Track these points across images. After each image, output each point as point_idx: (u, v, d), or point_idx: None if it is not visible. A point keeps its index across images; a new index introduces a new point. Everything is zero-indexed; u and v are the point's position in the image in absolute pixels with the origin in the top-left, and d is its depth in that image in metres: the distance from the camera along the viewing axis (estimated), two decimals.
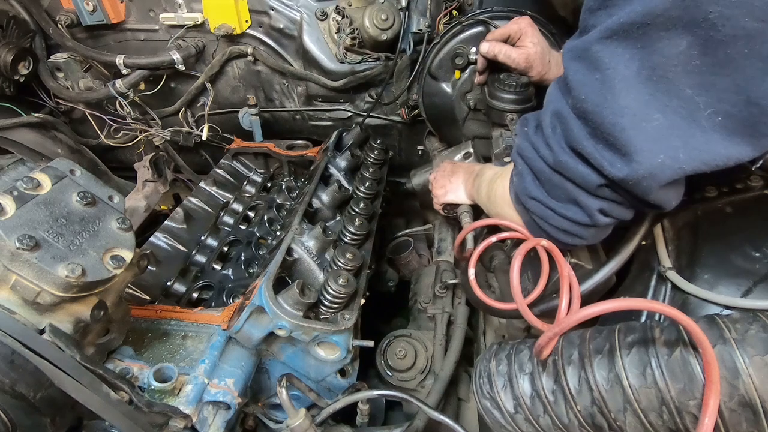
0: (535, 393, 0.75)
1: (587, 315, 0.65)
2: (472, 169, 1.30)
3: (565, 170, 0.70)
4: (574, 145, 0.67)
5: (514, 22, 1.26)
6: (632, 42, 0.57)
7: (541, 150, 0.75)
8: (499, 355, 0.85)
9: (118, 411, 0.72)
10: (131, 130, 1.95)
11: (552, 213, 0.78)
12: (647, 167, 0.59)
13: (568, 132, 0.67)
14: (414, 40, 1.70)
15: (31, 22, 1.78)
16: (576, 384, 0.70)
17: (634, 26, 0.56)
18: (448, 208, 1.41)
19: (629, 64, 0.58)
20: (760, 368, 0.55)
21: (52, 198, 0.75)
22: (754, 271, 0.70)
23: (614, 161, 0.62)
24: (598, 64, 0.61)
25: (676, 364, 0.61)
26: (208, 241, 1.48)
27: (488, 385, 0.82)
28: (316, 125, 1.95)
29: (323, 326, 0.97)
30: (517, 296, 0.86)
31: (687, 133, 0.57)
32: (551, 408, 0.73)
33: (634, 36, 0.57)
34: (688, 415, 0.60)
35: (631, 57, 0.58)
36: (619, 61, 0.59)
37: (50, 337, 0.68)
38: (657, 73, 0.57)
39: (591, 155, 0.64)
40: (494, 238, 1.00)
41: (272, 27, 1.74)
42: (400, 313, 1.80)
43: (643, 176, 0.60)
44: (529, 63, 1.24)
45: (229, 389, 0.92)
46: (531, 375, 0.77)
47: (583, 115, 0.64)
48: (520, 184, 0.83)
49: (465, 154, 1.55)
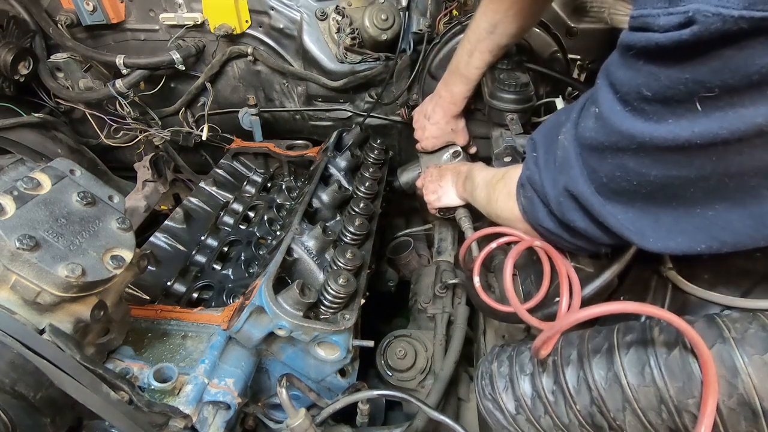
0: (535, 393, 0.75)
1: (584, 317, 0.65)
2: (459, 170, 1.31)
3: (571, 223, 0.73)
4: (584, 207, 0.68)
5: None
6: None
7: (549, 194, 0.75)
8: (501, 356, 0.85)
9: (118, 411, 0.72)
10: (131, 130, 1.95)
11: (563, 241, 0.80)
12: (661, 247, 0.62)
13: (583, 207, 0.69)
14: (414, 40, 1.70)
15: (31, 22, 1.78)
16: (575, 384, 0.70)
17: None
18: (444, 211, 1.41)
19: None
20: (759, 367, 0.55)
21: (52, 198, 0.75)
22: (754, 270, 0.70)
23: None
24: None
25: (674, 363, 0.61)
26: (208, 241, 1.48)
27: (490, 386, 0.82)
28: (316, 125, 1.95)
29: (323, 326, 0.97)
30: (511, 298, 0.86)
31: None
32: (551, 408, 0.73)
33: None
34: (687, 413, 0.60)
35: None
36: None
37: (50, 337, 0.69)
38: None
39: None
40: (494, 244, 1.01)
41: (272, 27, 1.74)
42: (400, 313, 1.80)
43: (657, 249, 0.62)
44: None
45: (229, 389, 0.92)
46: (531, 376, 0.77)
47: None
48: (531, 210, 0.83)
49: (454, 153, 1.54)
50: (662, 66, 0.50)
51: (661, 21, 0.47)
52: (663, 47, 0.48)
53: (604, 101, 0.59)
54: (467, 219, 1.33)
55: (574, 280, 0.82)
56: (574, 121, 0.69)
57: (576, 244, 0.78)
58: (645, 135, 0.54)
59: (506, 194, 0.91)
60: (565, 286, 0.81)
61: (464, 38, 1.32)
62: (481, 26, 1.23)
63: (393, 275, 1.72)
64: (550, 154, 0.75)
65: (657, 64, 0.50)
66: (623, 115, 0.56)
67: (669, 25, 0.46)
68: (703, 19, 0.43)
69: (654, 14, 0.47)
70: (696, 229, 0.58)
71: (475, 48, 1.28)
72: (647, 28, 0.49)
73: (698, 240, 0.59)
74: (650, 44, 0.49)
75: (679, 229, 0.60)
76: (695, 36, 0.44)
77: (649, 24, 0.48)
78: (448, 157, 1.55)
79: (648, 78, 0.52)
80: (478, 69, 1.32)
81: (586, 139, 0.64)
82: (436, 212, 1.44)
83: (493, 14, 1.19)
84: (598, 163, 0.63)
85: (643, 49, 0.51)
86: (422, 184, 1.46)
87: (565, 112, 0.77)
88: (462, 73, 1.35)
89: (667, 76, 0.50)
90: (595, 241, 0.73)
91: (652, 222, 0.62)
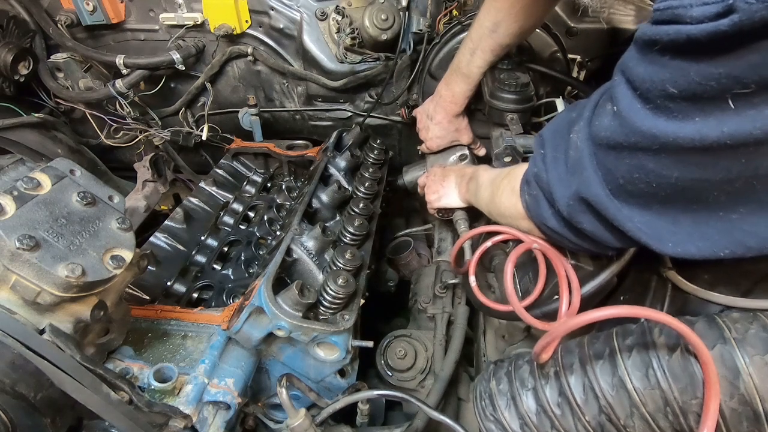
0: (540, 408, 0.72)
1: (584, 321, 0.64)
2: (463, 172, 1.30)
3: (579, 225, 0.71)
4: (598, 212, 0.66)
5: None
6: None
7: (557, 194, 0.72)
8: (498, 373, 0.81)
9: (118, 411, 0.72)
10: (131, 130, 1.95)
11: (567, 241, 0.78)
12: (681, 252, 0.60)
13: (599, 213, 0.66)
14: (414, 40, 1.70)
15: (31, 22, 1.78)
16: (581, 393, 0.68)
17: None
18: (443, 212, 1.41)
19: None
20: (760, 368, 0.55)
21: (52, 198, 0.75)
22: (755, 270, 0.70)
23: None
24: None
25: (676, 364, 0.61)
26: (208, 241, 1.48)
27: (491, 406, 0.78)
28: (316, 125, 1.95)
29: (322, 327, 0.97)
30: (512, 299, 0.86)
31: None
32: (559, 422, 0.70)
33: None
34: (692, 414, 0.59)
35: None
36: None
37: (50, 337, 0.68)
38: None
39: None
40: (489, 242, 1.00)
41: (272, 27, 1.74)
42: (400, 313, 1.79)
43: (677, 254, 0.60)
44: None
45: (229, 389, 0.92)
46: (534, 390, 0.74)
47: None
48: (535, 208, 0.80)
49: (460, 156, 1.54)
50: (693, 61, 0.46)
51: (694, 12, 0.43)
52: (695, 40, 0.44)
53: (623, 98, 0.56)
54: (464, 221, 1.33)
55: (573, 280, 0.82)
56: (587, 119, 0.65)
57: (581, 245, 0.76)
58: (668, 134, 0.50)
59: (510, 190, 0.89)
60: (565, 286, 0.81)
61: (467, 37, 1.32)
62: (484, 24, 1.23)
63: (393, 275, 1.71)
64: (559, 152, 0.72)
65: (687, 59, 0.47)
66: (644, 114, 0.53)
67: (704, 15, 0.43)
68: (745, 6, 0.39)
69: (686, 4, 0.44)
70: (719, 234, 0.55)
71: (477, 47, 1.28)
72: (677, 20, 0.45)
73: (721, 245, 0.56)
74: (680, 37, 0.45)
75: (700, 233, 0.57)
76: (735, 27, 0.41)
77: (680, 16, 0.45)
78: (454, 159, 1.54)
79: (675, 74, 0.48)
80: (480, 68, 1.32)
81: (601, 138, 0.61)
82: (434, 212, 1.44)
83: (496, 12, 1.19)
84: (615, 163, 0.59)
85: (671, 44, 0.47)
86: (424, 183, 1.46)
87: (576, 108, 0.73)
88: (463, 72, 1.35)
89: (697, 72, 0.46)
90: (602, 244, 0.70)
91: (671, 225, 0.58)
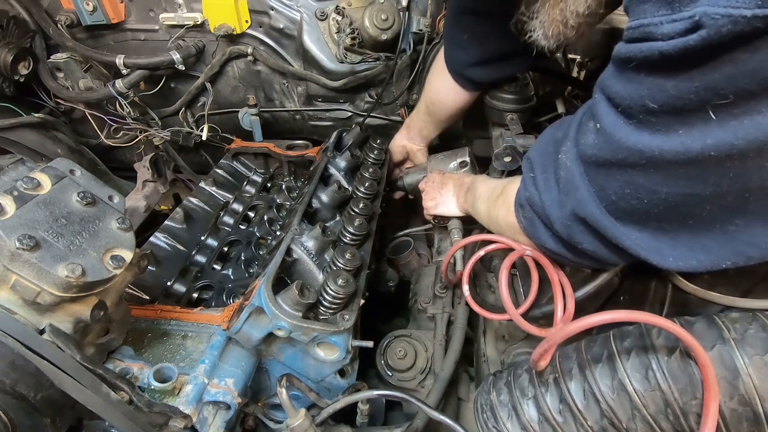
0: (542, 417, 0.72)
1: (580, 327, 0.64)
2: (462, 181, 1.30)
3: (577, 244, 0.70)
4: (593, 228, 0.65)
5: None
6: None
7: (553, 216, 0.71)
8: (498, 384, 0.81)
9: (118, 411, 0.72)
10: (131, 130, 1.95)
11: (566, 260, 0.78)
12: (683, 266, 0.60)
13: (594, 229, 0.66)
14: (414, 40, 1.70)
15: (31, 22, 1.78)
16: (582, 398, 0.68)
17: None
18: (439, 218, 1.42)
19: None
20: (760, 368, 0.55)
21: (52, 198, 0.75)
22: (754, 270, 0.70)
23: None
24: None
25: (675, 365, 0.61)
26: (208, 241, 1.48)
27: (492, 418, 0.78)
28: (316, 125, 1.95)
29: (322, 327, 0.97)
30: (508, 307, 0.86)
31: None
32: (561, 429, 0.70)
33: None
34: (692, 415, 0.60)
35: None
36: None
37: (50, 337, 0.68)
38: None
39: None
40: (482, 251, 1.01)
41: (272, 27, 1.74)
42: (400, 313, 1.79)
43: (679, 269, 0.61)
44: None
45: (229, 389, 0.92)
46: (535, 398, 0.74)
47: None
48: (532, 231, 0.80)
49: (461, 163, 1.54)
50: (668, 76, 0.47)
51: (664, 29, 0.44)
52: (668, 56, 0.45)
53: (605, 115, 0.56)
54: (458, 231, 1.34)
55: (567, 286, 0.82)
56: (573, 138, 0.65)
57: (581, 263, 0.76)
58: (653, 148, 0.51)
59: (506, 210, 0.89)
60: (558, 292, 0.81)
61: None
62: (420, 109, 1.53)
63: (393, 275, 1.71)
64: (549, 174, 0.71)
65: (662, 75, 0.47)
66: (628, 129, 0.53)
67: (674, 32, 0.44)
68: (711, 22, 0.40)
69: (656, 22, 0.45)
70: (719, 246, 0.55)
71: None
72: (649, 37, 0.46)
73: (723, 257, 0.56)
74: (653, 54, 0.46)
75: (700, 246, 0.56)
76: (704, 41, 0.41)
77: (651, 33, 0.46)
78: (454, 166, 1.54)
79: (652, 89, 0.49)
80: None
81: (588, 156, 0.61)
82: (431, 218, 1.45)
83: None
84: (606, 180, 0.60)
85: (645, 60, 0.48)
86: (424, 188, 1.46)
87: (561, 128, 0.73)
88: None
89: (674, 86, 0.47)
90: (603, 261, 0.70)
91: (670, 240, 0.58)
